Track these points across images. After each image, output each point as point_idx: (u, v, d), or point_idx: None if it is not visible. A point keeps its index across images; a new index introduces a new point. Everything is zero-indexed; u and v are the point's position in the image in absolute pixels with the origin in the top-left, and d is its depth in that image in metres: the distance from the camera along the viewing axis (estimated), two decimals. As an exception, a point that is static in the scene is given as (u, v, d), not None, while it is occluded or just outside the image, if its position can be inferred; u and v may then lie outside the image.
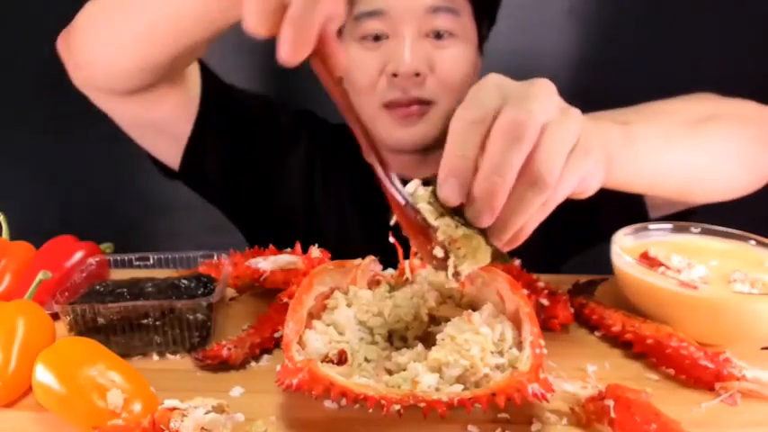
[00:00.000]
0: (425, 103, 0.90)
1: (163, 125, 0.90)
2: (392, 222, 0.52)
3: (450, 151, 0.48)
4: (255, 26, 0.45)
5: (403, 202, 0.49)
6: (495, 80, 0.50)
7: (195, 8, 0.66)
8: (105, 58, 0.77)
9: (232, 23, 0.65)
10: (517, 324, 0.56)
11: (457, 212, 0.49)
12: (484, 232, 0.49)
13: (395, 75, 0.87)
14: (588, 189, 0.54)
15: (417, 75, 0.87)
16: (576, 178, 0.50)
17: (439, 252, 0.49)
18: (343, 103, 0.48)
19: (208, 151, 0.95)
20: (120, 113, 0.88)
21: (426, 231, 0.49)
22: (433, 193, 0.49)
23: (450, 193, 0.47)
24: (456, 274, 0.50)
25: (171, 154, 0.94)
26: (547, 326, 0.66)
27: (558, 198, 0.50)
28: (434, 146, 0.97)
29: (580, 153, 0.49)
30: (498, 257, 0.51)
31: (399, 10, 0.87)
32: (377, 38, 0.89)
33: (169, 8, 0.68)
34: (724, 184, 0.76)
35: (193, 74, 0.90)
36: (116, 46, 0.75)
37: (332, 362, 0.53)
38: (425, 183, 0.51)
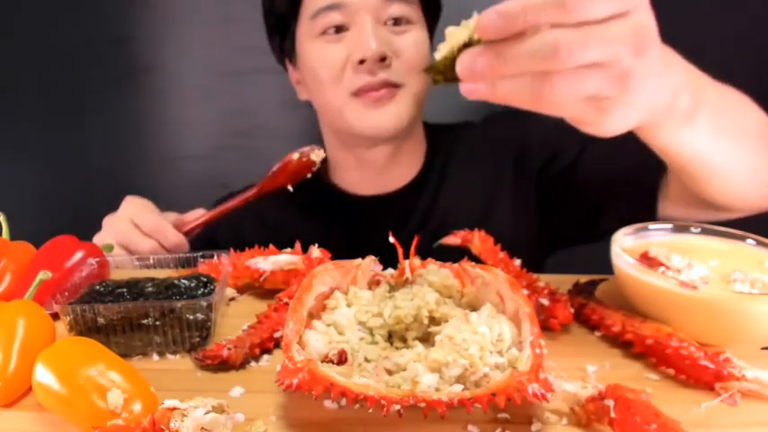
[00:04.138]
0: (394, 86, 0.91)
1: None
2: None
3: None
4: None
5: None
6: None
7: None
8: None
9: None
10: (517, 324, 0.56)
11: None
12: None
13: (361, 61, 0.88)
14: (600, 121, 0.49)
15: (383, 59, 0.88)
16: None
17: None
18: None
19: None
20: None
21: None
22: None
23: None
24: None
25: None
26: (547, 326, 0.66)
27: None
28: (406, 135, 0.97)
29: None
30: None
31: (356, 1, 0.88)
32: (338, 30, 0.90)
33: None
34: (739, 190, 0.73)
35: None
36: None
37: (332, 362, 0.53)
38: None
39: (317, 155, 0.93)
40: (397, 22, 0.91)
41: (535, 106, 0.47)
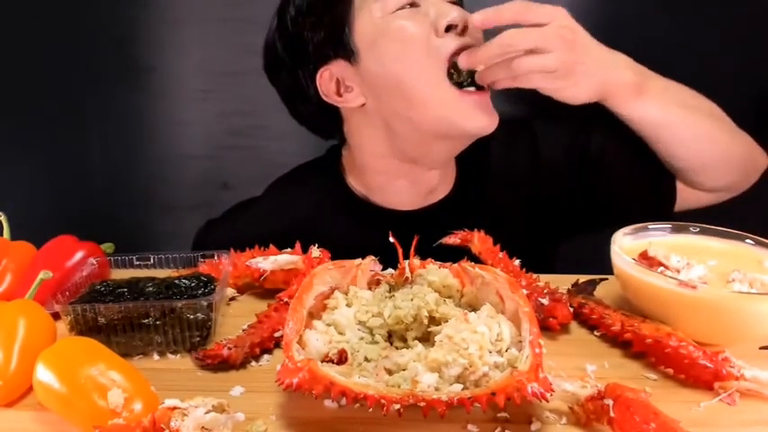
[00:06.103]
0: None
1: None
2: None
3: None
4: None
5: None
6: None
7: None
8: None
9: None
10: (517, 324, 0.56)
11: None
12: None
13: (448, 28, 0.85)
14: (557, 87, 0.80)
15: (466, 28, 0.86)
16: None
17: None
18: None
19: None
20: None
21: None
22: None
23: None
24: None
25: None
26: (546, 325, 0.67)
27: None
28: None
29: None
30: None
31: None
32: (411, 4, 0.87)
33: None
34: (707, 157, 0.88)
35: None
36: None
37: (332, 361, 0.53)
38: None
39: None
40: (455, 1, 0.89)
41: (516, 82, 0.80)
